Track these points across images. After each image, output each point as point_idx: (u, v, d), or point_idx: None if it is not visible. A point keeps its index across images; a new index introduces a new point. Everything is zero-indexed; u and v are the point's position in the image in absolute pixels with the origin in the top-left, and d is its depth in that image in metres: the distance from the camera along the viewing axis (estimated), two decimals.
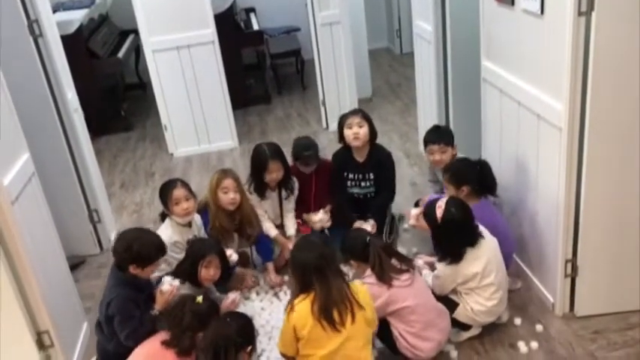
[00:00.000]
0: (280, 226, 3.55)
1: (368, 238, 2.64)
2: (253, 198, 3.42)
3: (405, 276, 2.56)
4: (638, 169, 2.54)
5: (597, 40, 2.33)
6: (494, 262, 2.70)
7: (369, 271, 2.60)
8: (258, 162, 3.36)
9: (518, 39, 2.86)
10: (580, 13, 2.33)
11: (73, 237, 3.66)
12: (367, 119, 3.50)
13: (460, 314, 2.73)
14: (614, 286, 2.77)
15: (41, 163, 3.06)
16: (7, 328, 2.46)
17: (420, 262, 3.03)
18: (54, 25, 3.57)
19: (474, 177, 2.98)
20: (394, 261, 2.61)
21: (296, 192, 3.53)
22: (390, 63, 7.40)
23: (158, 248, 2.69)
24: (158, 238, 2.74)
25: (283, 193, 3.49)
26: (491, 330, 2.81)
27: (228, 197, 3.19)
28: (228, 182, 3.20)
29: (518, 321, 2.84)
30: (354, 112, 3.58)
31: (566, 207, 2.65)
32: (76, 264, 3.63)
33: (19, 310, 2.47)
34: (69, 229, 3.60)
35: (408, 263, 2.64)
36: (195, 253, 2.86)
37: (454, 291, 2.75)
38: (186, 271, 2.84)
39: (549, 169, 2.73)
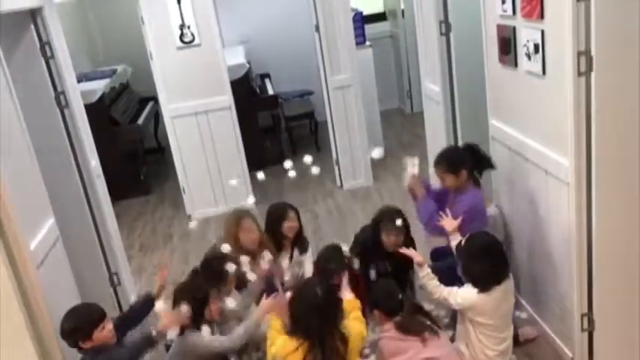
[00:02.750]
0: None
1: (400, 295, 2.73)
2: None
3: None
4: None
5: (598, 99, 2.42)
6: (508, 309, 2.78)
7: (388, 325, 2.64)
8: (276, 212, 3.47)
9: (523, 98, 2.96)
10: (580, 74, 2.44)
11: (93, 299, 3.70)
12: (405, 225, 3.29)
13: None
14: (633, 339, 2.75)
15: (64, 227, 3.16)
16: None
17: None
18: (79, 96, 3.76)
19: (467, 159, 3.11)
20: (421, 319, 2.69)
21: (308, 252, 3.54)
22: (401, 122, 7.55)
23: (95, 311, 2.67)
24: (92, 304, 2.74)
25: (295, 253, 3.53)
26: None
27: (251, 237, 3.24)
28: (247, 223, 3.27)
29: None
30: (393, 219, 3.24)
31: (578, 261, 2.68)
32: None
33: None
34: (90, 292, 3.65)
35: (435, 324, 2.71)
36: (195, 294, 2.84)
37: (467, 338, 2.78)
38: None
39: (560, 223, 2.77)
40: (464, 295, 2.73)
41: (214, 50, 5.06)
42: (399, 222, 3.19)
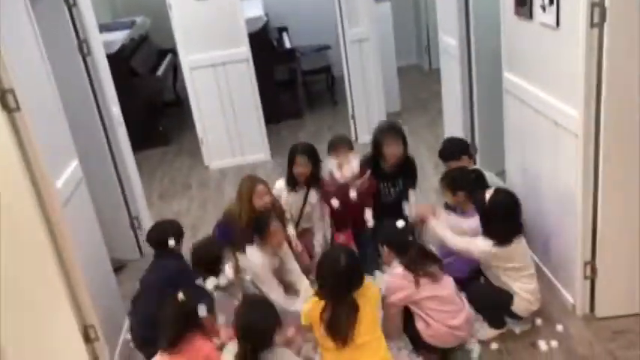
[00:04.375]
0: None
1: (410, 237, 2.84)
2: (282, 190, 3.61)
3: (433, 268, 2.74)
4: None
5: (609, 50, 2.46)
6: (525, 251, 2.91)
7: (396, 263, 2.77)
8: (290, 156, 3.56)
9: (537, 50, 2.99)
10: (593, 25, 2.46)
11: (115, 242, 3.88)
12: (404, 139, 3.58)
13: (518, 305, 2.85)
14: (634, 287, 2.84)
15: (87, 171, 3.28)
16: (57, 321, 2.66)
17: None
18: (101, 44, 3.84)
19: (469, 184, 3.16)
20: (427, 262, 2.78)
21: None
22: (419, 79, 7.55)
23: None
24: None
25: (311, 193, 3.59)
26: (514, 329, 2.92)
27: (264, 201, 3.34)
28: (261, 188, 3.37)
29: (539, 321, 2.94)
30: (393, 132, 3.58)
31: (584, 210, 2.76)
32: (117, 268, 3.84)
33: (68, 304, 2.67)
34: (112, 235, 3.81)
35: (439, 266, 2.79)
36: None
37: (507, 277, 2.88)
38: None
39: (567, 173, 2.84)
40: (482, 247, 2.83)
41: (232, 2, 5.09)
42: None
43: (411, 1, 7.76)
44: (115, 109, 3.86)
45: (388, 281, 2.78)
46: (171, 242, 3.08)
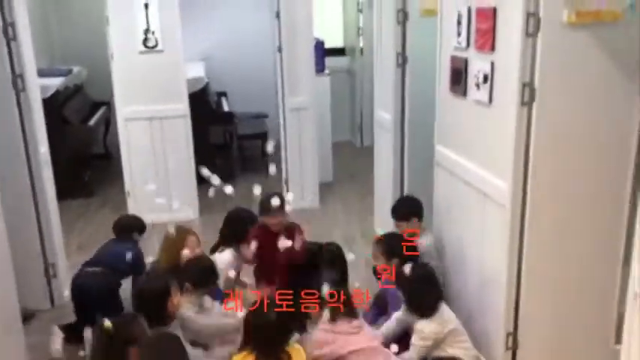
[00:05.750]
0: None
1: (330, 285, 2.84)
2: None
3: (355, 322, 2.67)
4: (576, 244, 2.77)
5: (537, 127, 2.63)
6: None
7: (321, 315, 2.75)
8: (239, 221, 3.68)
9: (469, 125, 3.16)
10: (523, 103, 2.64)
11: (25, 289, 3.59)
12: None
13: None
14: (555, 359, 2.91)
15: (4, 208, 3.10)
16: None
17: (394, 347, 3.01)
18: (36, 82, 3.74)
19: (402, 253, 3.26)
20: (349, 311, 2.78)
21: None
22: (351, 154, 7.74)
23: None
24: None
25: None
26: None
27: (195, 254, 3.29)
28: (193, 240, 3.28)
29: None
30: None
31: (508, 281, 2.84)
32: (25, 317, 3.57)
33: None
34: (23, 281, 3.54)
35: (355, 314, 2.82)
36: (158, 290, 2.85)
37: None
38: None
39: (493, 243, 2.94)
40: (425, 332, 2.87)
41: (176, 58, 5.12)
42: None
43: (347, 80, 8.08)
44: (43, 149, 3.72)
45: (313, 335, 2.73)
46: (136, 235, 3.68)
